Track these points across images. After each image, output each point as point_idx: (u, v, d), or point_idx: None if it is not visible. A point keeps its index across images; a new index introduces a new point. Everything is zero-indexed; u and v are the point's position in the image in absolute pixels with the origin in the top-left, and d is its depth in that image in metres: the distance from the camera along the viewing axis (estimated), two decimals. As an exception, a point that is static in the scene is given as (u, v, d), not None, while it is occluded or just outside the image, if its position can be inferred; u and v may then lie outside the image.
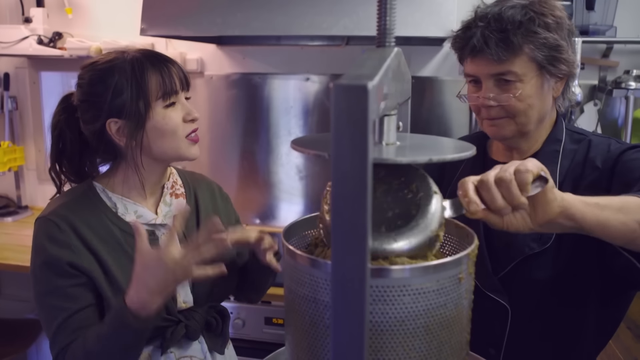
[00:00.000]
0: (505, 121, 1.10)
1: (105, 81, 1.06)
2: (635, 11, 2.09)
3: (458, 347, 0.62)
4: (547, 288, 1.11)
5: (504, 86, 1.08)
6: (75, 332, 1.03)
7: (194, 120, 1.12)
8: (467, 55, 1.11)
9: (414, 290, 0.56)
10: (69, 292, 1.03)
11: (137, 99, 1.05)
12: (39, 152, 2.74)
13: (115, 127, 1.07)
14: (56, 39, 2.48)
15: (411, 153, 0.59)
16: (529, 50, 1.05)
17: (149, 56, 1.09)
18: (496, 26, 1.05)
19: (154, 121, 1.07)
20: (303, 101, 2.43)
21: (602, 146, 1.11)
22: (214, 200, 1.30)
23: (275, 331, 1.95)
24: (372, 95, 0.43)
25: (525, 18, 1.04)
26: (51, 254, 1.03)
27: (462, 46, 1.11)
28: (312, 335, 0.60)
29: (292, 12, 1.80)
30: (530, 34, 1.04)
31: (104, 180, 1.14)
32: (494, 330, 1.14)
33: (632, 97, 1.98)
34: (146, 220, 1.12)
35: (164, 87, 1.07)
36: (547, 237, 1.08)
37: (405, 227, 0.61)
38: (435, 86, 2.29)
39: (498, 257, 1.12)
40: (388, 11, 0.59)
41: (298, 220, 0.74)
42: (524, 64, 1.06)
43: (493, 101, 1.08)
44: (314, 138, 0.65)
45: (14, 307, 2.67)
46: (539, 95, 1.08)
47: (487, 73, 1.08)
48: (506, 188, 0.70)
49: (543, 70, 1.07)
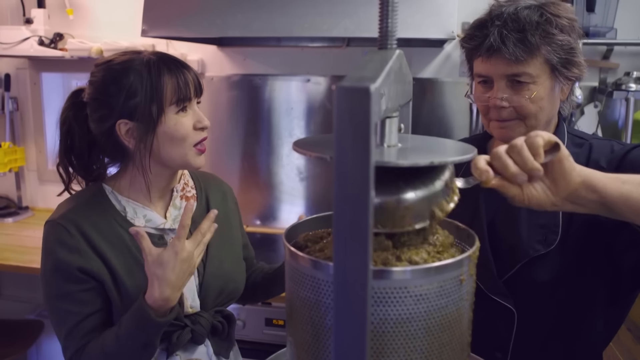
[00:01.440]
0: (515, 123, 1.09)
1: (119, 81, 1.04)
2: (635, 13, 2.10)
3: (459, 349, 0.62)
4: (553, 290, 1.10)
5: (517, 87, 1.06)
6: (87, 335, 1.05)
7: (204, 129, 1.11)
8: (480, 55, 1.08)
9: (415, 292, 0.56)
10: (79, 296, 1.04)
11: (150, 102, 1.04)
12: (39, 153, 2.74)
13: (125, 129, 1.06)
14: (57, 40, 2.49)
15: (413, 155, 0.59)
16: (545, 51, 1.03)
17: (165, 60, 1.08)
18: (514, 26, 1.03)
19: (165, 126, 1.06)
20: (304, 102, 2.43)
21: (604, 148, 1.11)
22: (225, 203, 1.29)
23: (276, 332, 1.95)
24: (375, 97, 0.43)
25: (542, 19, 1.03)
26: (61, 259, 1.03)
27: (477, 45, 1.07)
28: (313, 337, 0.60)
29: (293, 14, 1.80)
30: (548, 35, 1.03)
31: (113, 182, 1.13)
32: (499, 334, 1.13)
33: (632, 98, 1.98)
34: (155, 225, 1.12)
35: (179, 92, 1.06)
36: (552, 238, 1.08)
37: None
38: (435, 88, 2.30)
39: (502, 260, 1.12)
40: (390, 13, 0.60)
41: (300, 221, 0.74)
42: (539, 66, 1.04)
43: (505, 102, 1.07)
44: (316, 140, 0.65)
45: (14, 307, 2.67)
46: (550, 98, 1.08)
47: (502, 73, 1.06)
48: (518, 153, 0.69)
49: (555, 72, 1.06)
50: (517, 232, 1.10)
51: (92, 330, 1.05)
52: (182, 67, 1.08)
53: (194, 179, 1.26)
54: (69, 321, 1.04)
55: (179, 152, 1.08)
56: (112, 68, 1.06)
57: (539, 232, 1.09)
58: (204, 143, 1.12)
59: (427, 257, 0.62)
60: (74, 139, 1.12)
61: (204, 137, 1.11)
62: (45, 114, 2.70)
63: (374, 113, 0.44)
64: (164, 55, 1.09)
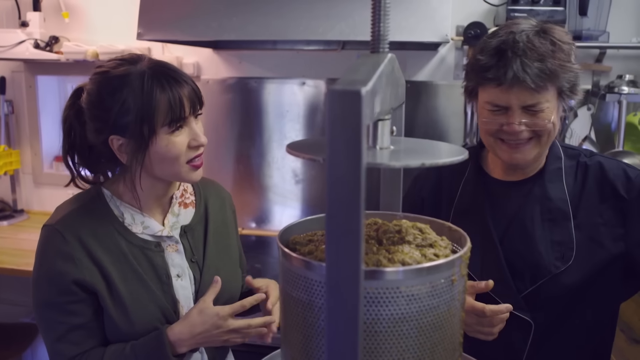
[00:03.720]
0: (533, 144, 1.11)
1: (113, 96, 1.02)
2: (627, 16, 2.12)
3: (451, 348, 0.63)
4: (569, 302, 1.14)
5: (533, 111, 1.08)
6: (78, 345, 1.04)
7: (199, 147, 1.07)
8: (500, 84, 1.07)
9: (407, 292, 0.57)
10: (69, 307, 1.04)
11: (141, 123, 1.01)
12: (35, 156, 2.74)
13: (117, 144, 1.04)
14: (53, 43, 2.49)
15: (404, 157, 0.60)
16: (562, 79, 1.07)
17: (160, 75, 1.03)
18: (532, 55, 1.04)
19: (157, 146, 1.03)
20: (299, 105, 2.44)
21: (617, 171, 1.15)
22: (224, 211, 1.28)
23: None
24: (366, 100, 0.44)
25: (555, 47, 1.06)
26: (55, 269, 1.03)
27: (497, 75, 1.06)
28: (307, 337, 0.61)
29: (288, 17, 1.81)
30: (563, 62, 1.06)
31: (112, 187, 1.12)
32: (513, 345, 1.16)
33: (624, 101, 2.00)
34: (152, 232, 1.11)
35: (172, 113, 1.02)
36: (569, 254, 1.11)
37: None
38: (430, 90, 2.31)
39: (522, 277, 1.14)
40: (382, 17, 0.61)
41: (294, 223, 0.75)
42: (552, 92, 1.08)
43: (526, 126, 1.08)
44: (309, 142, 0.66)
45: (9, 311, 2.66)
46: (558, 117, 1.12)
47: (522, 103, 1.07)
48: None
49: (562, 94, 1.10)
50: (536, 250, 1.13)
51: (82, 340, 1.05)
52: (177, 83, 1.04)
53: (193, 185, 1.25)
54: (57, 329, 1.04)
55: (172, 170, 1.06)
56: (108, 80, 1.03)
57: (556, 249, 1.12)
58: (200, 158, 1.08)
59: (419, 259, 0.63)
60: (75, 138, 1.11)
61: (199, 154, 1.08)
62: (40, 117, 2.70)
63: (366, 116, 0.44)
64: (160, 68, 1.05)
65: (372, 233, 0.70)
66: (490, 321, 1.05)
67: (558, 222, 1.13)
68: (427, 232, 0.71)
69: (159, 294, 1.08)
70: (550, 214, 1.14)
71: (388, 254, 0.63)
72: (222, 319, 1.07)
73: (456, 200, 1.23)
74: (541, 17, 1.88)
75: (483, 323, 1.05)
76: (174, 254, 1.13)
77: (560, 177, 1.16)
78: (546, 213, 1.14)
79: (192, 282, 1.15)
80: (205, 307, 1.08)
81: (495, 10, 2.14)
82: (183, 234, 1.16)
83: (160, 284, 1.09)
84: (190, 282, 1.15)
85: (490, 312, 1.04)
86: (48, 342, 1.06)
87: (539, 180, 1.17)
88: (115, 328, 1.05)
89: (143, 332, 1.06)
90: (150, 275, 1.09)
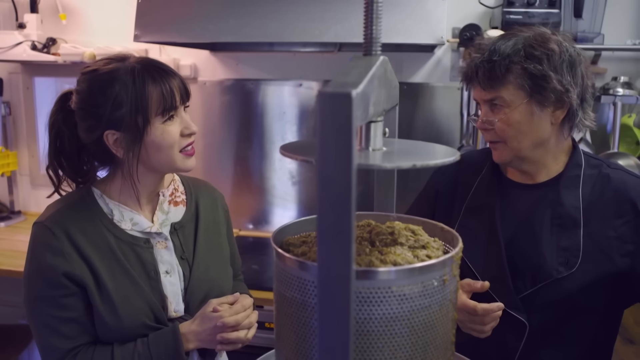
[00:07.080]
0: (501, 145, 1.17)
1: (105, 92, 1.04)
2: (622, 19, 2.13)
3: (443, 348, 0.63)
4: (567, 307, 1.15)
5: (495, 110, 1.15)
6: (71, 339, 1.06)
7: (191, 135, 1.12)
8: (468, 82, 1.20)
9: (399, 292, 0.58)
10: (60, 301, 1.05)
11: (136, 114, 1.04)
12: (32, 158, 2.74)
13: (112, 139, 1.07)
14: (50, 44, 2.49)
15: (397, 159, 0.60)
16: (513, 79, 1.11)
17: (150, 69, 1.07)
18: (487, 57, 1.13)
19: (152, 136, 1.06)
20: (296, 107, 2.44)
21: (638, 187, 1.15)
22: (215, 211, 1.30)
23: (268, 335, 1.95)
24: (357, 103, 0.45)
25: (513, 50, 1.11)
26: (46, 263, 1.04)
27: (463, 74, 1.21)
28: (300, 336, 0.61)
29: (285, 19, 1.81)
30: (512, 65, 1.10)
31: (102, 186, 1.14)
32: (507, 344, 1.17)
33: (619, 103, 2.01)
34: (142, 228, 1.13)
35: (164, 103, 1.06)
36: (573, 261, 1.12)
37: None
38: (426, 92, 2.32)
39: (523, 278, 1.16)
40: (374, 20, 0.61)
41: (288, 223, 0.76)
42: (512, 92, 1.12)
43: (487, 124, 1.16)
44: (303, 144, 0.66)
45: (6, 312, 2.66)
46: (529, 122, 1.12)
47: (481, 98, 1.17)
48: None
49: (532, 98, 1.11)
50: (541, 253, 1.14)
51: (74, 334, 1.06)
52: (167, 75, 1.08)
53: (184, 184, 1.27)
54: (49, 324, 1.05)
55: (167, 158, 1.09)
56: (98, 78, 1.06)
57: (561, 254, 1.13)
58: (192, 146, 1.13)
59: (411, 260, 0.64)
60: (63, 142, 1.13)
61: (191, 142, 1.12)
62: (37, 119, 2.70)
63: (356, 117, 0.45)
64: (149, 62, 1.09)
65: (365, 235, 0.70)
66: (482, 319, 1.06)
67: (567, 228, 1.14)
68: (420, 233, 0.72)
69: (147, 290, 1.10)
70: (560, 219, 1.15)
71: (380, 255, 0.63)
72: (208, 306, 1.11)
73: (469, 196, 1.26)
74: (536, 19, 1.89)
75: (475, 321, 1.07)
76: (163, 250, 1.14)
77: (577, 185, 1.16)
78: (556, 218, 1.15)
79: (182, 278, 1.16)
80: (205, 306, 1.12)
81: (491, 12, 2.16)
82: (173, 231, 1.18)
83: (148, 280, 1.11)
84: (179, 279, 1.16)
85: (482, 310, 1.05)
86: (41, 338, 1.07)
87: (555, 185, 1.18)
88: (103, 323, 1.06)
89: (131, 327, 1.07)
90: (138, 270, 1.10)
